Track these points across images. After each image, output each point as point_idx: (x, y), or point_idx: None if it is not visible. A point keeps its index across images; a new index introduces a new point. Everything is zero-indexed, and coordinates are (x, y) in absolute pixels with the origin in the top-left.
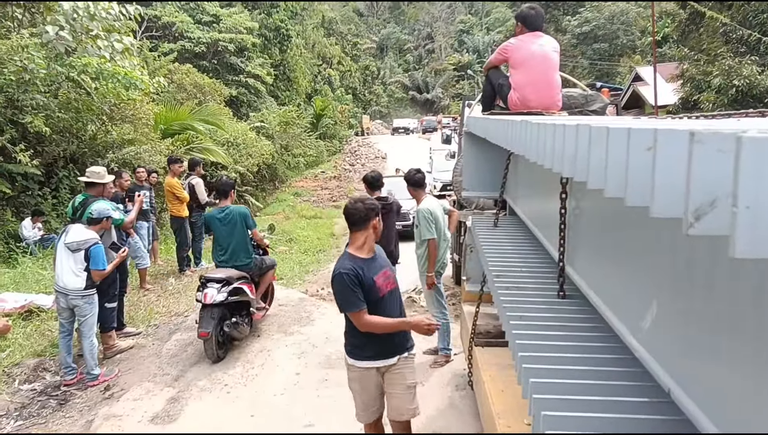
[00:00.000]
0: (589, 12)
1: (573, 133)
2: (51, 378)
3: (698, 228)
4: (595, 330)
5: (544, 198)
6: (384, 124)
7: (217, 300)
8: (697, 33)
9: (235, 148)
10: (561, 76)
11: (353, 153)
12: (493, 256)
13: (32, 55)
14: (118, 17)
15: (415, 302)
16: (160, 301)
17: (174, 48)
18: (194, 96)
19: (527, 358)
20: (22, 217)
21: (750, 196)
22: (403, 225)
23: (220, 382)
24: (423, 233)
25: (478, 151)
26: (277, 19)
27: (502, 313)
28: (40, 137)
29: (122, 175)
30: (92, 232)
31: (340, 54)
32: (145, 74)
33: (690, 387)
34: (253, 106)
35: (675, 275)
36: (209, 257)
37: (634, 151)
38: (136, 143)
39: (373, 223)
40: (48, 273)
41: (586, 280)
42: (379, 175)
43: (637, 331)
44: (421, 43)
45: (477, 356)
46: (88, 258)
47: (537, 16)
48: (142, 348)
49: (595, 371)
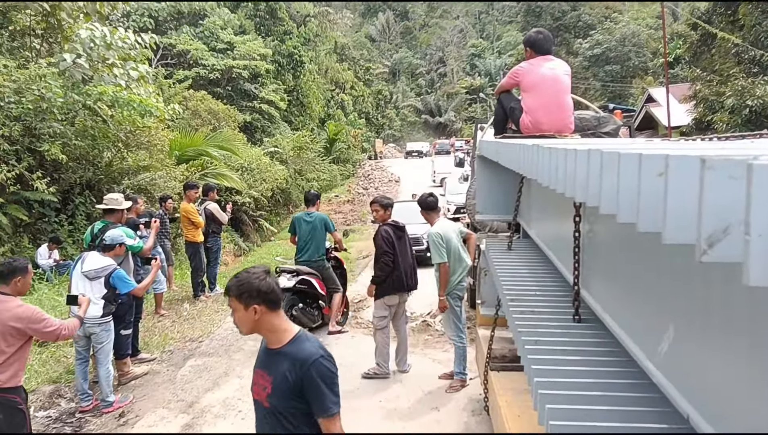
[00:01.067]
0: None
1: (585, 158)
2: (66, 405)
3: (711, 255)
4: (611, 354)
5: (557, 221)
6: (397, 147)
7: (287, 285)
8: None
9: (249, 173)
10: (573, 99)
11: (366, 177)
12: (507, 279)
13: (50, 84)
14: (134, 46)
15: (430, 326)
16: (174, 327)
17: (189, 75)
18: (209, 122)
19: (543, 384)
20: (38, 244)
21: (763, 224)
22: (416, 250)
23: (234, 409)
24: (433, 257)
25: (491, 174)
26: (291, 45)
27: (517, 337)
28: (57, 165)
29: (137, 202)
30: (109, 258)
31: (352, 79)
32: (161, 101)
33: (709, 413)
34: (266, 131)
35: (692, 299)
36: (224, 282)
37: (646, 176)
38: (151, 169)
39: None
40: (64, 299)
41: (602, 304)
42: (390, 198)
43: (654, 356)
44: (433, 67)
45: (493, 381)
46: (110, 285)
47: (545, 40)
48: (156, 374)
49: (612, 397)
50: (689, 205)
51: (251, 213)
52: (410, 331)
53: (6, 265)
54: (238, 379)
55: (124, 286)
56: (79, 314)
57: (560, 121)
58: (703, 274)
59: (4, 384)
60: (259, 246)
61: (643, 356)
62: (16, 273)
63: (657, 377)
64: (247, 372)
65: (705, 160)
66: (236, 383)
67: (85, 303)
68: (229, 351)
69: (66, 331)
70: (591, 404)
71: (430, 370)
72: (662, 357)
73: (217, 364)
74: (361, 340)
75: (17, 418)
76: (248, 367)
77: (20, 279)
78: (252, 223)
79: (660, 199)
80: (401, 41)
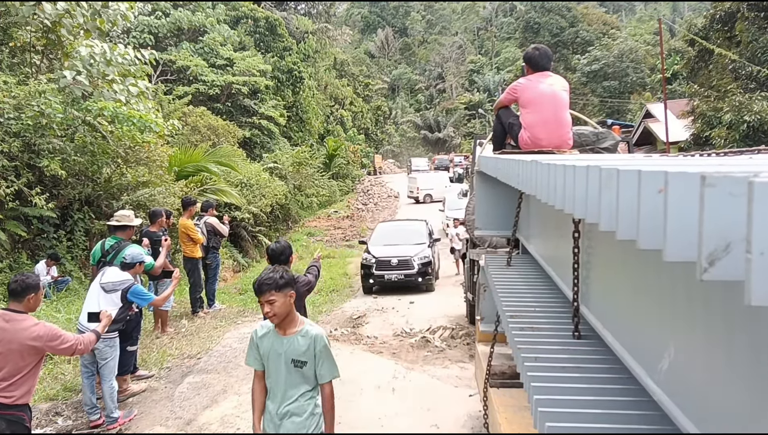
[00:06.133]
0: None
1: (583, 174)
2: (63, 422)
3: (712, 273)
4: (611, 371)
5: (556, 237)
6: (396, 163)
7: None
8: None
9: (249, 188)
10: (571, 114)
11: (366, 192)
12: (506, 295)
13: (49, 100)
14: (134, 61)
15: (429, 343)
16: (173, 343)
17: (188, 91)
18: (208, 138)
19: (543, 401)
20: (36, 260)
21: (764, 242)
22: (405, 274)
23: (233, 426)
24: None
25: (490, 189)
26: (290, 61)
27: (516, 353)
28: (56, 180)
29: (161, 215)
30: (127, 274)
31: (352, 95)
32: (160, 117)
33: (711, 431)
34: (266, 147)
35: (693, 316)
36: (223, 298)
37: (645, 193)
38: (150, 185)
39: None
40: (62, 316)
41: (602, 321)
42: (282, 246)
43: (655, 373)
44: (432, 83)
45: (492, 397)
46: (126, 300)
47: (542, 56)
48: (154, 391)
49: (612, 414)
50: (689, 223)
51: (250, 229)
52: (410, 348)
53: (19, 282)
54: (237, 396)
55: (142, 300)
56: (97, 329)
57: (559, 137)
58: (704, 292)
59: (17, 400)
60: (258, 262)
61: (643, 374)
62: (29, 290)
63: (657, 395)
64: (245, 389)
65: (705, 177)
66: (234, 400)
67: (105, 319)
68: (228, 368)
69: (82, 346)
70: (591, 422)
71: (430, 387)
72: (663, 374)
73: (215, 381)
74: (361, 356)
75: None
76: (246, 383)
77: (33, 296)
78: (251, 238)
79: (660, 216)
80: (400, 57)
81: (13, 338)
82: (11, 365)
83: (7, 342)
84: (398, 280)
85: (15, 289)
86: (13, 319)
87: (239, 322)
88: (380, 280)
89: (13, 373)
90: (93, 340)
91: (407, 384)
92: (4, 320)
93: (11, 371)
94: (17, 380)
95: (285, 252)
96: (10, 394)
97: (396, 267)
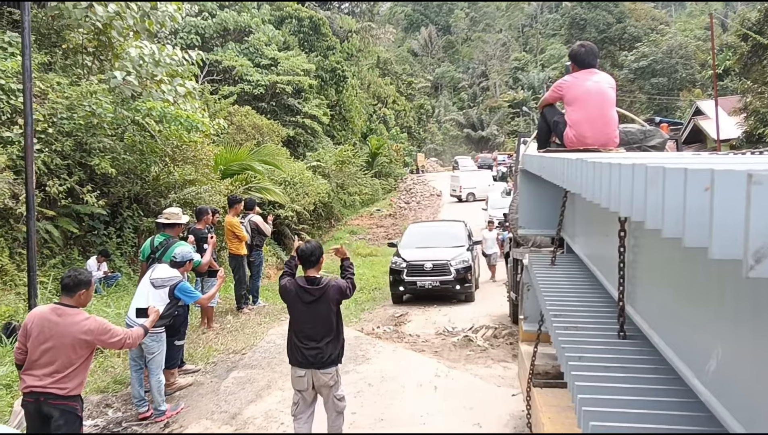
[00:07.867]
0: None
1: (629, 172)
2: (113, 414)
3: (759, 270)
4: (657, 372)
5: (602, 236)
6: (439, 161)
7: None
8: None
9: (292, 187)
10: (618, 112)
11: (408, 191)
12: (550, 294)
13: (100, 100)
14: (181, 62)
15: (472, 341)
16: (218, 339)
17: (234, 91)
18: (253, 137)
19: (587, 401)
20: (87, 256)
21: None
22: (441, 280)
23: (277, 421)
24: None
25: (534, 188)
26: (333, 60)
27: (560, 353)
28: (106, 178)
29: (208, 213)
30: (176, 271)
31: (394, 93)
32: (206, 116)
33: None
34: (309, 145)
35: (740, 315)
36: (266, 295)
37: (691, 191)
38: (197, 183)
39: None
40: (112, 311)
41: (648, 321)
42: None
43: (702, 374)
44: (476, 81)
45: (536, 397)
46: (174, 296)
47: (588, 53)
48: (200, 385)
49: (657, 415)
50: (736, 220)
51: (293, 226)
52: (452, 347)
53: (71, 277)
54: (280, 392)
55: (189, 298)
56: (145, 324)
57: (605, 135)
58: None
59: (71, 392)
60: None
61: (690, 374)
62: (81, 286)
63: (705, 396)
64: (288, 385)
65: (752, 175)
66: (278, 395)
67: (153, 314)
68: (272, 364)
69: (130, 340)
70: (636, 422)
71: (472, 386)
72: (710, 375)
73: (259, 377)
74: (403, 354)
75: (75, 425)
76: (290, 380)
77: (84, 292)
78: (295, 236)
79: (706, 214)
80: (443, 55)
81: (66, 332)
82: (64, 358)
83: (59, 336)
84: (433, 287)
85: (68, 284)
86: (65, 314)
87: (283, 318)
88: (412, 287)
89: (65, 366)
90: (141, 334)
91: (449, 383)
92: (56, 314)
93: (64, 364)
94: (70, 373)
95: (315, 253)
96: (63, 385)
97: (430, 272)
